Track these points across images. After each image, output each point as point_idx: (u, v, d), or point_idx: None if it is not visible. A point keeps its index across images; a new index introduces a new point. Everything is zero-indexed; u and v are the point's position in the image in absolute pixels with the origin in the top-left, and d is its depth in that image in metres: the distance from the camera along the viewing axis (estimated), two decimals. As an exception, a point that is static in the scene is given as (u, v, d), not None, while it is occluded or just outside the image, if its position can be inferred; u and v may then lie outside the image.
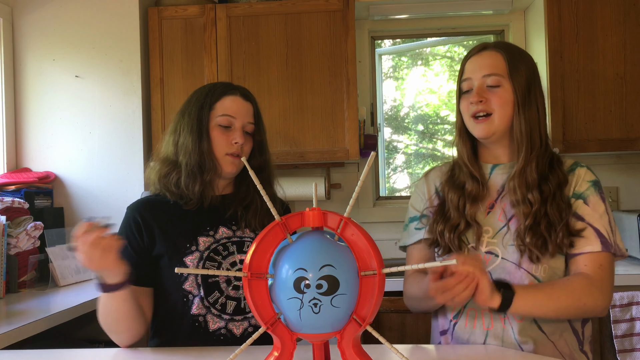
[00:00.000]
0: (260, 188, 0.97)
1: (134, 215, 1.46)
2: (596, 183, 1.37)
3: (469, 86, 1.37)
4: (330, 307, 0.89)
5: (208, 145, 1.45)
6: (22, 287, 2.27)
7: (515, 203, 1.33)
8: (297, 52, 2.62)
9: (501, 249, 1.33)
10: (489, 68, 1.34)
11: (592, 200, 1.33)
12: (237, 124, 1.47)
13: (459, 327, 1.36)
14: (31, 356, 1.37)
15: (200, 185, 1.45)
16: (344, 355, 0.94)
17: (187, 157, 1.45)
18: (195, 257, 1.43)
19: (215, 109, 1.47)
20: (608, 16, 2.51)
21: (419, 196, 1.50)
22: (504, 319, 1.31)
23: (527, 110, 1.33)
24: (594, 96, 2.51)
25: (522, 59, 1.37)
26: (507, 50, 1.37)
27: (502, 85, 1.33)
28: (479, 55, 1.37)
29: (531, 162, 1.32)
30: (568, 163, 1.40)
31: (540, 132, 1.35)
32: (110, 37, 2.66)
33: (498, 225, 1.35)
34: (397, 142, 3.37)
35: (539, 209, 1.29)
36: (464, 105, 1.38)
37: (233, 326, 1.41)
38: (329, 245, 0.93)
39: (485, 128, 1.34)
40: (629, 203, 2.83)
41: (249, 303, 0.92)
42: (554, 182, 1.33)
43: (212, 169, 1.45)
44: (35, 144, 2.68)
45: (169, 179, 1.47)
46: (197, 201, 1.47)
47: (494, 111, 1.33)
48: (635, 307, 2.15)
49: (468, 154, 1.40)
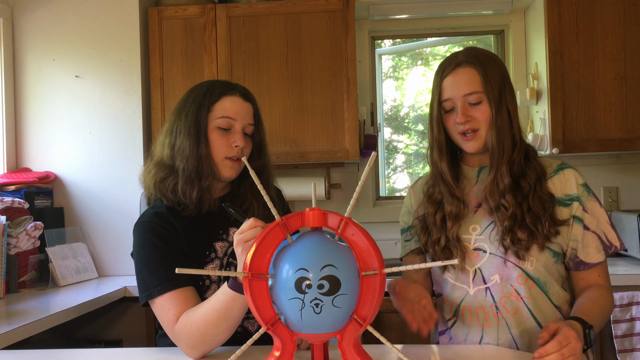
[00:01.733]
0: (261, 188, 0.96)
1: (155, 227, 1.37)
2: (587, 186, 1.40)
3: (450, 106, 1.39)
4: (332, 307, 0.89)
5: (206, 149, 1.38)
6: (22, 287, 2.27)
7: (494, 209, 1.36)
8: (297, 52, 2.62)
9: (489, 245, 1.36)
10: (468, 86, 1.36)
11: (589, 206, 1.37)
12: (237, 126, 1.41)
13: (456, 326, 1.39)
14: (31, 356, 1.37)
15: (198, 191, 1.38)
16: (345, 355, 0.94)
17: (184, 162, 1.38)
18: (216, 265, 1.40)
19: (214, 110, 1.40)
20: (608, 16, 2.51)
21: (406, 208, 1.55)
22: (497, 314, 1.33)
23: (499, 119, 1.36)
24: (594, 96, 2.51)
25: (492, 67, 1.38)
26: (479, 62, 1.38)
27: (482, 100, 1.36)
28: (455, 73, 1.38)
29: (501, 167, 1.35)
30: (555, 164, 1.43)
31: (513, 133, 1.37)
32: (110, 37, 2.66)
33: (485, 222, 1.38)
34: (397, 142, 3.37)
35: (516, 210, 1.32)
36: (449, 124, 1.41)
37: (248, 324, 1.40)
38: (329, 245, 0.93)
39: (475, 144, 1.38)
40: (629, 203, 2.83)
41: (249, 303, 0.92)
42: (532, 176, 1.36)
43: (210, 175, 1.39)
44: (35, 144, 2.68)
45: (165, 184, 1.40)
46: (194, 208, 1.40)
47: (480, 127, 1.37)
48: (635, 307, 2.15)
49: (449, 172, 1.42)
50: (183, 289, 1.30)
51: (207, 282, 1.38)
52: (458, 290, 1.38)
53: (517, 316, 1.33)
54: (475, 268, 1.36)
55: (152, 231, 1.36)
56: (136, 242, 1.38)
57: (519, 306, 1.33)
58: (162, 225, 1.37)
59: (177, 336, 1.27)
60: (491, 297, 1.34)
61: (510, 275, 1.33)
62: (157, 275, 1.31)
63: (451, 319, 1.40)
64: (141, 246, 1.36)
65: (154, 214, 1.40)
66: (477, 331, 1.35)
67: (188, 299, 1.30)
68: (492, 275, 1.34)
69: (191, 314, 1.25)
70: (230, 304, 1.20)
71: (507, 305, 1.33)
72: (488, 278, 1.35)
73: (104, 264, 2.63)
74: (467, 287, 1.37)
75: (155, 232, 1.35)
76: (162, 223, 1.37)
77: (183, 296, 1.29)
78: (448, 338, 1.41)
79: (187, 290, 1.31)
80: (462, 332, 1.37)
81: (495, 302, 1.34)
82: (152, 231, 1.36)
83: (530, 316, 1.33)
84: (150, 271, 1.32)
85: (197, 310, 1.25)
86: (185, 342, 1.25)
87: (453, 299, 1.39)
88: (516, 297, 1.33)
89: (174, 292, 1.29)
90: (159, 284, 1.30)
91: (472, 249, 1.37)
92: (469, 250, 1.37)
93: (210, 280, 1.38)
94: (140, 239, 1.37)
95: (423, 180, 1.53)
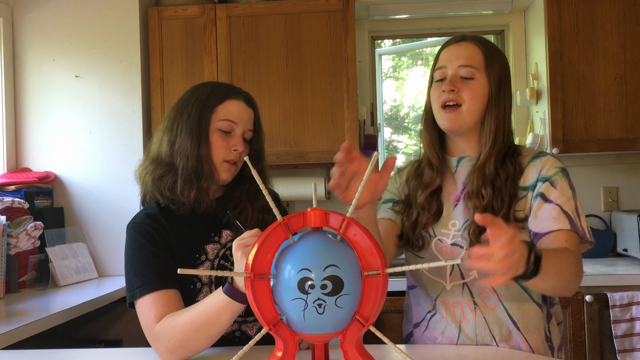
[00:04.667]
0: (263, 188, 0.96)
1: (145, 227, 1.36)
2: (564, 170, 1.34)
3: (442, 75, 1.36)
4: (335, 307, 0.89)
5: (207, 150, 1.38)
6: (22, 287, 2.27)
7: (471, 194, 1.33)
8: (297, 52, 2.62)
9: (466, 241, 1.33)
10: (465, 59, 1.34)
11: (560, 184, 1.31)
12: (238, 130, 1.41)
13: (434, 320, 1.37)
14: (31, 356, 1.36)
15: (196, 191, 1.37)
16: (347, 355, 0.94)
17: (184, 161, 1.37)
18: (207, 267, 1.38)
19: (217, 112, 1.40)
20: (608, 16, 2.51)
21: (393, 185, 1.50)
22: (475, 310, 1.31)
23: (497, 107, 1.34)
24: (594, 96, 2.51)
25: (498, 56, 1.37)
26: (485, 44, 1.37)
27: (476, 78, 1.33)
28: (457, 45, 1.37)
29: (491, 157, 1.33)
30: (534, 152, 1.39)
31: (505, 128, 1.36)
32: (110, 37, 2.65)
33: (463, 218, 1.35)
34: (397, 142, 3.37)
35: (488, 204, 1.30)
36: (434, 94, 1.37)
37: (247, 328, 1.39)
38: (332, 245, 0.93)
39: (452, 118, 1.34)
40: (629, 203, 2.84)
41: (251, 304, 0.92)
42: (502, 176, 1.33)
43: (210, 176, 1.39)
44: (35, 144, 2.67)
45: (163, 182, 1.38)
46: (190, 207, 1.39)
47: (463, 102, 1.33)
48: (635, 307, 2.15)
49: (430, 142, 1.41)
50: (166, 291, 1.28)
51: (198, 284, 1.36)
52: (434, 285, 1.36)
53: (495, 312, 1.31)
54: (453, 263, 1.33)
55: (142, 232, 1.35)
56: (126, 243, 1.37)
57: (497, 303, 1.31)
58: (152, 226, 1.35)
59: (155, 337, 1.23)
60: (469, 293, 1.32)
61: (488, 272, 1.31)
62: (141, 276, 1.29)
63: (430, 311, 1.38)
64: (129, 247, 1.35)
65: (145, 215, 1.39)
66: (455, 327, 1.33)
67: (170, 302, 1.27)
68: (470, 270, 1.32)
69: (176, 316, 1.23)
70: (222, 309, 1.17)
71: (486, 300, 1.31)
72: (466, 273, 1.32)
73: (104, 264, 2.62)
74: (444, 282, 1.35)
75: (144, 233, 1.34)
76: (152, 224, 1.36)
77: (165, 298, 1.27)
78: (423, 330, 1.39)
79: (171, 293, 1.29)
80: (440, 326, 1.36)
81: (474, 298, 1.32)
82: (141, 232, 1.35)
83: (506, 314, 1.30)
84: (136, 272, 1.31)
85: (184, 313, 1.23)
86: (163, 344, 1.21)
87: (430, 293, 1.37)
88: (493, 293, 1.31)
89: (156, 294, 1.27)
90: (142, 285, 1.28)
91: (450, 244, 1.35)
92: (446, 244, 1.35)
93: (202, 283, 1.36)
94: (130, 240, 1.36)
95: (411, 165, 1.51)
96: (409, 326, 1.45)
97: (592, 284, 2.20)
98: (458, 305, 1.33)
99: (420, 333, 1.40)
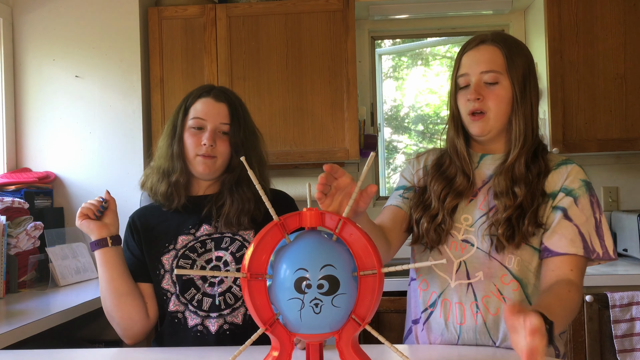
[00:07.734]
0: (257, 183, 0.96)
1: (130, 221, 1.58)
2: (588, 184, 1.34)
3: (466, 82, 1.35)
4: (331, 307, 0.89)
5: (178, 148, 1.51)
6: (22, 287, 2.27)
7: (499, 194, 1.31)
8: (297, 52, 2.62)
9: (477, 238, 1.32)
10: (486, 64, 1.32)
11: (582, 201, 1.30)
12: (210, 126, 1.51)
13: (433, 318, 1.35)
14: (31, 356, 1.37)
15: (166, 187, 1.52)
16: (343, 355, 0.94)
17: (160, 161, 1.55)
18: (171, 255, 1.49)
19: (189, 113, 1.53)
20: (608, 16, 2.51)
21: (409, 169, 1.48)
22: (477, 313, 1.30)
23: (523, 106, 1.32)
24: (594, 96, 2.51)
25: (519, 52, 1.35)
26: (505, 43, 1.34)
27: (500, 82, 1.32)
28: (477, 49, 1.35)
29: (521, 156, 1.32)
30: (561, 158, 1.38)
31: (533, 125, 1.35)
32: (110, 37, 2.66)
33: (478, 214, 1.34)
34: (397, 142, 3.37)
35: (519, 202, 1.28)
36: (461, 101, 1.37)
37: (209, 323, 1.44)
38: (328, 245, 0.93)
39: (480, 126, 1.33)
40: (629, 203, 2.83)
41: (248, 304, 0.92)
42: (534, 172, 1.32)
43: (179, 171, 1.51)
44: (35, 144, 2.68)
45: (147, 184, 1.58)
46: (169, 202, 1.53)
47: (489, 109, 1.32)
48: (635, 307, 2.15)
49: (463, 148, 1.38)
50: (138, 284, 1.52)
51: (162, 271, 1.50)
52: (439, 279, 1.34)
53: (497, 317, 1.29)
54: (461, 260, 1.32)
55: (127, 227, 1.57)
56: None
57: (500, 307, 1.28)
58: (134, 219, 1.57)
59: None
60: (473, 295, 1.30)
61: (495, 274, 1.29)
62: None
63: (427, 309, 1.36)
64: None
65: (138, 209, 1.61)
66: (455, 328, 1.31)
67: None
68: (476, 271, 1.30)
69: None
70: (100, 269, 1.45)
71: (488, 304, 1.29)
72: (472, 274, 1.31)
73: (104, 264, 2.62)
74: (449, 278, 1.33)
75: (127, 228, 1.57)
76: (135, 218, 1.57)
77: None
78: (421, 328, 1.37)
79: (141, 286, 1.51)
80: (439, 326, 1.33)
81: (477, 301, 1.29)
82: (127, 227, 1.57)
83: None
84: None
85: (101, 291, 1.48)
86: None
87: (433, 288, 1.35)
88: (498, 297, 1.29)
89: None
90: None
91: (461, 239, 1.33)
92: (456, 239, 1.33)
93: (164, 270, 1.50)
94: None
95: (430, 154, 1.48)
96: (408, 322, 1.45)
97: (592, 284, 2.19)
98: (460, 306, 1.31)
99: (418, 331, 1.39)
